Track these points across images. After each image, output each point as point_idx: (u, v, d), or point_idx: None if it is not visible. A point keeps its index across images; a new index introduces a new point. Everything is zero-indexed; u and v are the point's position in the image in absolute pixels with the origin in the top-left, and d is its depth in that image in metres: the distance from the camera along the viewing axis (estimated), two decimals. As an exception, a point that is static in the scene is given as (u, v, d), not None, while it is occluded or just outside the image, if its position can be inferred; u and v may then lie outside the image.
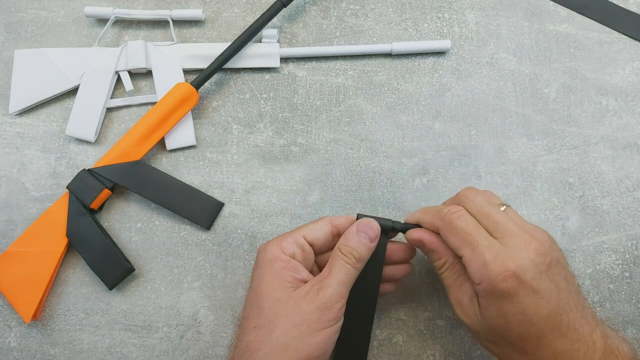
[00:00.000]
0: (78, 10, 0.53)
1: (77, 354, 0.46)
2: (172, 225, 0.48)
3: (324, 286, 0.36)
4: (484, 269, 0.34)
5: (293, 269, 0.38)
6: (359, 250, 0.38)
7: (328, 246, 0.41)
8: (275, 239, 0.40)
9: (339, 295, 0.36)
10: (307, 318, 0.35)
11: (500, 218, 0.36)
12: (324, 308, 0.35)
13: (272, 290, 0.37)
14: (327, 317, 0.35)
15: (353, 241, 0.38)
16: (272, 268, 0.37)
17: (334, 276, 0.36)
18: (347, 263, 0.37)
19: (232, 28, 0.53)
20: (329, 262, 0.38)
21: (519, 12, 0.54)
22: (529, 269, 0.33)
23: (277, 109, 0.51)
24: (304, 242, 0.39)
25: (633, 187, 0.49)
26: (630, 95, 0.52)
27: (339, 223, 0.41)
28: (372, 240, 0.38)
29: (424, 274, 0.47)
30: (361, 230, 0.38)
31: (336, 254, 0.38)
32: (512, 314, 0.34)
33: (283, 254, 0.38)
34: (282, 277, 0.37)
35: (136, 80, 0.51)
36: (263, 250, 0.39)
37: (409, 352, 0.46)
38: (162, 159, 0.50)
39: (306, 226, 0.40)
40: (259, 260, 0.39)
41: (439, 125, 0.51)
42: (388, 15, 0.54)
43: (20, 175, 0.49)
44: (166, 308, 0.47)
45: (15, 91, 0.50)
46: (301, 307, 0.35)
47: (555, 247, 0.36)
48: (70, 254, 0.47)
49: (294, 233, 0.40)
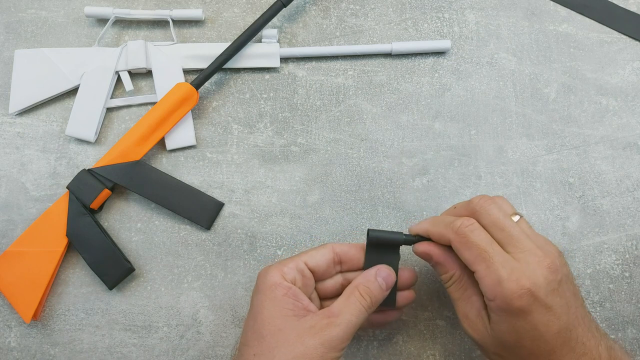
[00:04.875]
0: (78, 10, 0.53)
1: (77, 354, 0.46)
2: (172, 225, 0.48)
3: (333, 324, 0.35)
4: (499, 286, 0.34)
5: (294, 296, 0.37)
6: (376, 294, 0.37)
7: (329, 273, 0.41)
8: (276, 264, 0.39)
9: (346, 337, 0.35)
10: (308, 352, 0.34)
11: (515, 232, 0.35)
12: (329, 346, 0.35)
13: (273, 318, 0.36)
14: (330, 355, 0.35)
15: (373, 284, 0.38)
16: (272, 295, 0.37)
17: (345, 316, 0.36)
18: (362, 305, 0.37)
19: (232, 28, 0.53)
20: (341, 298, 0.37)
21: (519, 12, 0.54)
22: (543, 286, 0.33)
23: (277, 109, 0.51)
24: (304, 267, 0.39)
25: (633, 187, 0.49)
26: (630, 95, 0.52)
27: (341, 250, 0.40)
28: (388, 288, 0.38)
29: (424, 274, 0.47)
30: (381, 276, 0.38)
31: (353, 293, 0.37)
32: (525, 331, 0.34)
33: (284, 281, 0.37)
34: (283, 304, 0.36)
35: (136, 80, 0.51)
36: (264, 275, 0.38)
37: (409, 352, 0.46)
38: (162, 159, 0.50)
39: (308, 252, 0.40)
40: (259, 285, 0.38)
41: (439, 125, 0.51)
42: (388, 15, 0.54)
43: (20, 175, 0.49)
44: (166, 308, 0.47)
45: (15, 91, 0.50)
46: (304, 339, 0.35)
47: (564, 262, 0.36)
48: (70, 254, 0.47)
49: (295, 259, 0.39)
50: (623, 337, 0.46)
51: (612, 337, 0.46)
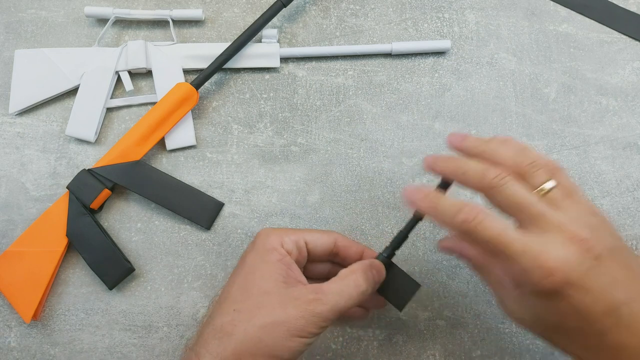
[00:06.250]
0: (78, 10, 0.53)
1: (77, 354, 0.46)
2: (172, 225, 0.48)
3: (319, 301, 0.35)
4: (523, 275, 0.31)
5: (287, 264, 0.37)
6: (368, 285, 0.37)
7: (321, 259, 0.41)
8: (279, 229, 0.39)
9: (329, 317, 0.35)
10: (289, 321, 0.34)
11: (536, 209, 0.31)
12: (310, 321, 0.35)
13: (263, 279, 0.36)
14: (308, 330, 0.35)
15: (370, 274, 0.38)
16: (268, 257, 0.37)
17: (333, 297, 0.36)
18: (356, 291, 0.36)
19: (232, 28, 0.53)
20: (335, 279, 0.37)
21: (519, 12, 0.54)
22: (574, 267, 0.30)
23: (277, 109, 0.51)
24: (303, 245, 0.39)
25: (633, 187, 0.49)
26: (630, 95, 0.52)
27: (342, 245, 0.40)
28: (376, 284, 0.38)
29: (424, 274, 0.47)
30: (374, 269, 0.38)
31: (348, 276, 0.37)
32: (566, 312, 0.31)
33: (282, 247, 0.38)
34: (276, 269, 0.37)
35: (136, 80, 0.51)
36: (265, 236, 0.38)
37: (409, 352, 0.46)
38: (162, 159, 0.50)
39: (312, 232, 0.40)
40: (257, 245, 0.38)
41: (439, 125, 0.51)
42: (388, 15, 0.54)
43: (20, 175, 0.49)
44: (166, 308, 0.47)
45: (15, 91, 0.50)
46: (288, 308, 0.35)
47: (606, 234, 0.32)
48: (70, 254, 0.47)
49: (298, 233, 0.39)
50: (623, 337, 0.46)
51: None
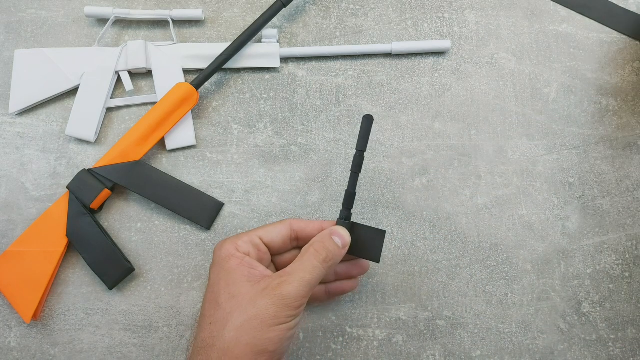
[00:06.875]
0: (78, 10, 0.53)
1: (77, 354, 0.46)
2: (172, 225, 0.48)
3: (285, 282, 0.36)
4: None
5: (248, 264, 0.38)
6: (332, 249, 0.38)
7: (285, 248, 0.41)
8: (231, 237, 0.40)
9: (300, 295, 0.35)
10: (261, 313, 0.35)
11: None
12: (282, 305, 0.35)
13: (227, 286, 0.37)
14: (283, 314, 0.35)
15: (328, 241, 0.38)
16: (227, 266, 0.38)
17: (298, 274, 0.36)
18: (316, 259, 0.37)
19: (232, 28, 0.53)
20: (296, 260, 0.38)
21: (519, 12, 0.54)
22: None
23: (277, 109, 0.51)
24: (259, 242, 0.40)
25: (633, 187, 0.49)
26: (630, 95, 0.52)
27: (298, 227, 0.41)
28: (344, 246, 0.39)
29: (424, 274, 0.47)
30: (335, 234, 0.39)
31: (307, 250, 0.38)
32: None
33: (237, 252, 0.38)
34: (237, 273, 0.37)
35: (136, 80, 0.51)
36: (219, 248, 0.39)
37: (409, 352, 0.46)
38: (162, 159, 0.50)
39: (264, 227, 0.41)
40: (214, 258, 0.39)
41: (439, 125, 0.51)
42: (388, 15, 0.54)
43: (20, 175, 0.49)
44: (166, 308, 0.47)
45: (15, 91, 0.50)
46: (257, 301, 0.35)
47: None
48: (70, 254, 0.47)
49: (250, 233, 0.40)
50: (623, 337, 0.46)
51: (612, 337, 0.46)
